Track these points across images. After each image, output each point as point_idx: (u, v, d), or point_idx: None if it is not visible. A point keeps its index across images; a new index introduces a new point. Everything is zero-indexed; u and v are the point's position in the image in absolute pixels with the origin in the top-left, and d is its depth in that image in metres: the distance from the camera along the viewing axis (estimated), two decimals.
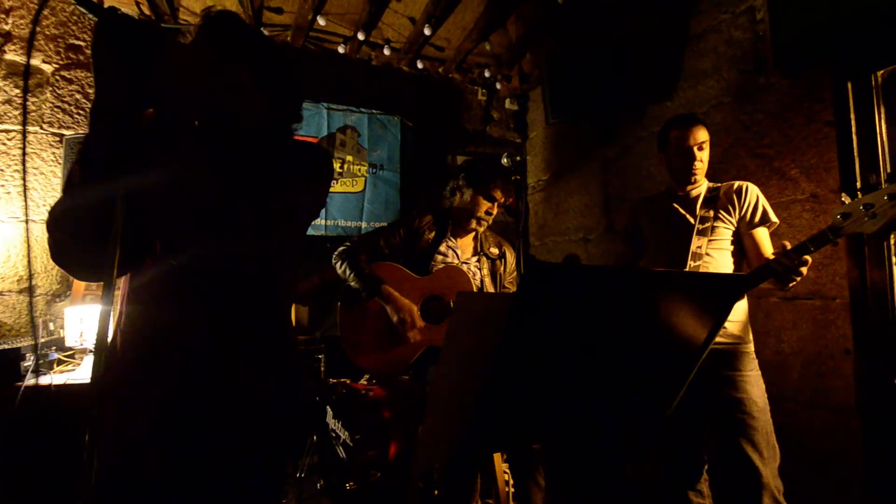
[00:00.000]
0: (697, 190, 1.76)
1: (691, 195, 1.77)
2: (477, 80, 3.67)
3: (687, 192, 1.78)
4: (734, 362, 1.61)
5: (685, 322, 0.76)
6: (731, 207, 1.68)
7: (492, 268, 2.11)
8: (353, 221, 3.23)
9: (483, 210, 1.98)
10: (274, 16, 2.96)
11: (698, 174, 1.72)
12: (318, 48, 3.20)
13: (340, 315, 1.97)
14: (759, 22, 2.09)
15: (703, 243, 1.65)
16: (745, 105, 2.16)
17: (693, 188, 1.77)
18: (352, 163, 3.24)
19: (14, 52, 2.58)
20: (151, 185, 0.78)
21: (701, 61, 2.38)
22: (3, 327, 2.48)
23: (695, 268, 1.64)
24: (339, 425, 2.18)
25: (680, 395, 0.81)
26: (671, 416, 0.85)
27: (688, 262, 1.65)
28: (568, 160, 3.39)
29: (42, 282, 2.56)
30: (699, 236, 1.67)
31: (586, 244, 3.20)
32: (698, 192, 1.75)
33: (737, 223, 1.68)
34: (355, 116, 3.25)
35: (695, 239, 1.66)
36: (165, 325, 0.86)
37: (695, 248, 1.65)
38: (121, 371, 0.85)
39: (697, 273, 1.57)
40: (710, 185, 1.76)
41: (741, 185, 1.70)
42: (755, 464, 1.50)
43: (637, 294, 0.69)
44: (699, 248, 1.65)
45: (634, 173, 2.80)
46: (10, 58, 2.57)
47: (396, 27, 3.10)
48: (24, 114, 0.72)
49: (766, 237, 1.66)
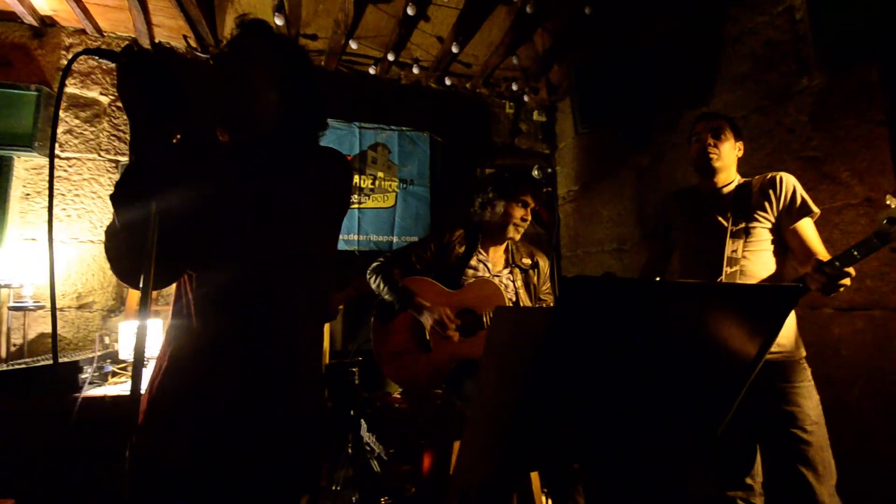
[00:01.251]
0: (729, 188, 1.67)
1: (722, 192, 1.68)
2: (504, 93, 3.69)
3: (716, 187, 1.69)
4: (784, 373, 1.51)
5: (733, 337, 0.73)
6: (767, 203, 1.56)
7: (525, 278, 2.09)
8: (384, 236, 3.29)
9: (518, 217, 2.00)
10: (309, 42, 3.10)
11: (714, 161, 1.66)
12: (350, 70, 3.32)
13: (374, 329, 2.00)
14: (799, 22, 2.01)
15: (738, 246, 1.55)
16: (787, 107, 2.07)
17: (722, 183, 1.68)
18: (383, 179, 3.31)
19: (74, 85, 2.81)
20: (181, 202, 0.80)
21: (738, 64, 2.30)
22: (62, 341, 2.66)
23: (731, 274, 1.54)
24: (373, 439, 2.19)
25: (731, 413, 0.77)
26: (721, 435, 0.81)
27: (723, 268, 1.55)
28: (599, 170, 3.34)
29: (98, 298, 2.73)
30: (734, 239, 1.56)
31: (621, 255, 3.12)
32: (729, 188, 1.67)
33: (775, 219, 1.57)
34: (386, 134, 3.34)
35: (729, 242, 1.57)
36: (202, 339, 0.89)
37: (730, 253, 1.55)
38: (164, 385, 0.89)
39: (744, 286, 1.47)
40: (741, 181, 1.67)
41: (774, 175, 1.58)
42: (809, 482, 1.39)
43: (680, 308, 0.66)
44: (734, 251, 1.55)
45: (669, 180, 2.72)
46: (70, 91, 2.80)
47: (424, 46, 3.18)
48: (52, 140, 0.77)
49: (812, 229, 1.53)
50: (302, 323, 0.96)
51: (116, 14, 2.70)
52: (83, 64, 2.83)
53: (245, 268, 0.88)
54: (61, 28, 2.80)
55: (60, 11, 2.66)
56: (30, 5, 2.57)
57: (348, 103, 3.27)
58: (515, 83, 3.55)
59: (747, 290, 0.83)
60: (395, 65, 3.29)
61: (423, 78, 3.44)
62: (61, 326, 2.66)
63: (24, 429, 1.86)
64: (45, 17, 2.71)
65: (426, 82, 3.50)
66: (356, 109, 3.28)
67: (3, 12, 2.62)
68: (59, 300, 2.65)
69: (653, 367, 0.68)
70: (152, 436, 0.86)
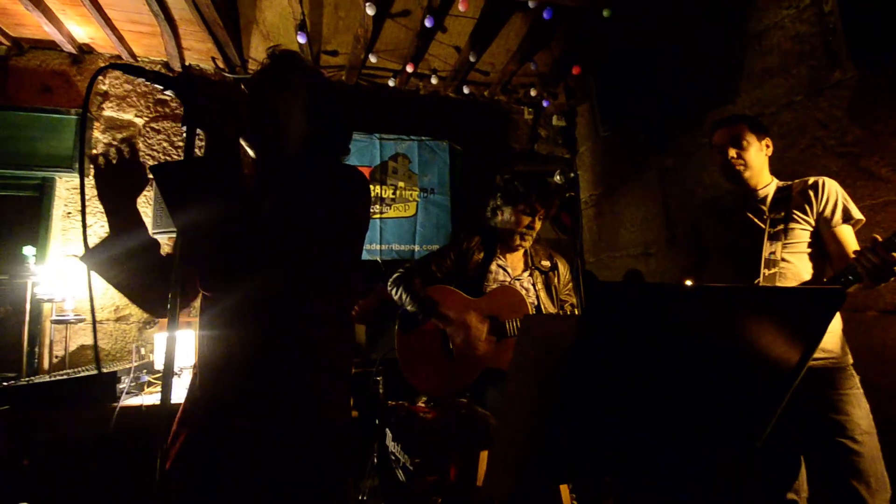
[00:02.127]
0: (765, 190, 1.61)
1: (759, 195, 1.62)
2: (522, 99, 3.69)
3: (753, 191, 1.63)
4: (830, 381, 1.43)
5: (773, 343, 0.70)
6: (808, 206, 1.51)
7: (545, 281, 2.07)
8: (406, 245, 3.31)
9: (524, 225, 1.97)
10: (330, 58, 3.18)
11: (743, 172, 1.59)
12: (370, 83, 3.39)
13: (398, 337, 2.01)
14: (828, 14, 1.94)
15: (776, 248, 1.50)
16: (818, 102, 1.99)
17: (756, 186, 1.62)
18: (403, 188, 3.34)
19: (111, 108, 2.95)
20: (203, 219, 0.83)
21: (764, 60, 2.24)
22: (101, 352, 2.77)
23: (770, 276, 1.48)
24: (398, 448, 2.19)
25: (771, 425, 0.74)
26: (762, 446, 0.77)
27: (761, 270, 1.50)
28: (621, 173, 3.28)
29: (134, 311, 2.84)
30: (772, 241, 1.51)
31: (647, 259, 3.05)
32: (766, 192, 1.61)
33: (815, 223, 1.51)
34: (405, 144, 3.37)
35: (766, 244, 1.51)
36: (228, 350, 0.91)
37: (767, 255, 1.50)
38: (194, 396, 0.92)
39: (783, 288, 1.41)
40: (781, 184, 1.61)
41: (816, 180, 1.53)
42: (861, 495, 1.31)
43: (716, 313, 0.64)
44: (772, 253, 1.49)
45: (696, 182, 2.65)
46: (108, 114, 2.94)
47: (442, 57, 3.21)
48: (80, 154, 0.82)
49: (851, 236, 1.48)
50: (325, 333, 0.98)
51: (149, 39, 2.84)
52: (119, 88, 2.98)
53: (268, 280, 0.90)
54: (98, 55, 2.96)
55: (97, 39, 2.82)
56: (68, 34, 2.73)
57: (368, 116, 3.33)
58: (533, 89, 3.54)
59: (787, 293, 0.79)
60: (414, 76, 3.34)
61: (441, 88, 3.47)
62: (100, 338, 2.77)
63: (65, 437, 1.94)
64: (82, 44, 2.87)
65: (444, 92, 3.53)
66: (376, 121, 3.33)
67: (43, 41, 2.79)
68: (98, 313, 2.77)
69: (687, 376, 0.66)
70: (185, 445, 0.88)
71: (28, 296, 2.62)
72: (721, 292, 0.72)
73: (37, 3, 2.42)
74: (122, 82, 2.98)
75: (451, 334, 1.92)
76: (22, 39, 2.80)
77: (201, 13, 2.51)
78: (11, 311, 2.68)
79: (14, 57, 2.83)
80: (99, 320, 2.78)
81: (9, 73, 2.81)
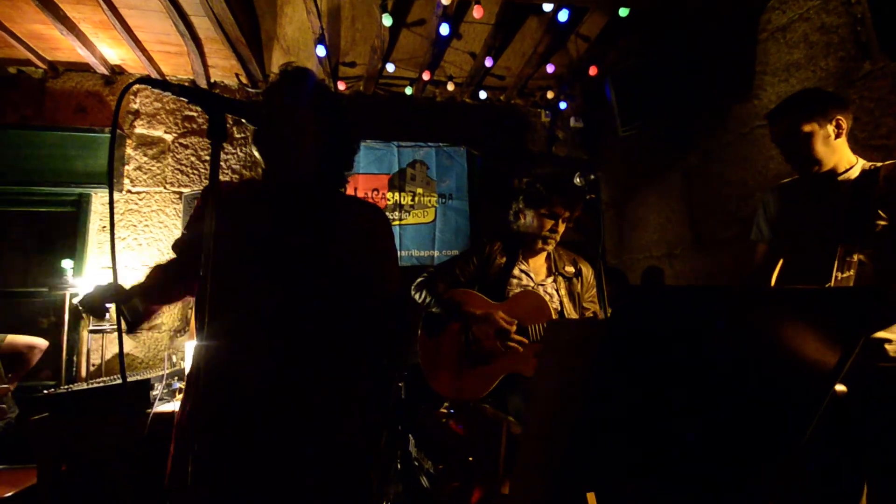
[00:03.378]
0: (846, 175, 1.37)
1: (837, 180, 1.37)
2: (539, 102, 3.68)
3: (830, 175, 1.38)
4: None
5: (807, 346, 0.67)
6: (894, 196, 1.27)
7: (569, 287, 2.04)
8: (425, 251, 3.33)
9: (547, 228, 1.94)
10: (348, 69, 3.24)
11: (813, 167, 1.40)
12: (388, 93, 3.43)
13: (420, 342, 2.02)
14: (856, 3, 1.88)
15: (854, 248, 1.25)
16: (849, 94, 1.92)
17: (836, 170, 1.38)
18: (422, 195, 3.37)
19: (142, 126, 3.08)
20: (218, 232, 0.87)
21: (790, 52, 2.17)
22: (136, 360, 2.88)
23: (844, 280, 1.24)
24: (421, 454, 2.19)
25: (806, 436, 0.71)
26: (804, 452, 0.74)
27: (833, 273, 1.26)
28: (642, 173, 3.23)
29: (166, 320, 2.93)
30: (850, 238, 1.26)
31: (671, 260, 2.98)
32: (847, 176, 1.36)
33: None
34: (423, 151, 3.41)
35: (842, 244, 1.26)
36: (228, 361, 0.91)
37: (843, 255, 1.26)
38: (196, 403, 0.93)
39: (820, 290, 1.18)
40: (867, 166, 1.36)
41: None
42: None
43: (749, 317, 0.62)
44: (849, 254, 1.25)
45: (722, 180, 2.58)
46: (139, 131, 3.07)
47: (458, 63, 3.23)
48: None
49: None
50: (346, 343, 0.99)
51: (177, 59, 2.95)
52: (149, 106, 3.11)
53: (282, 293, 0.92)
54: (129, 75, 3.09)
55: (128, 60, 2.95)
56: (101, 56, 2.86)
57: (386, 124, 3.37)
58: (550, 91, 3.53)
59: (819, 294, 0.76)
60: (430, 83, 3.37)
61: (457, 94, 3.49)
62: (134, 346, 2.88)
63: (101, 443, 2.02)
64: (114, 66, 3.01)
65: (461, 98, 3.55)
66: (394, 129, 3.38)
67: (77, 64, 2.94)
68: None
69: (718, 381, 0.64)
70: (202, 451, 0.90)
71: (66, 307, 2.74)
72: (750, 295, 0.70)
73: (71, 28, 2.55)
74: (151, 101, 3.10)
75: (475, 337, 1.91)
76: (58, 63, 2.95)
77: (225, 32, 2.60)
78: (54, 322, 2.81)
79: (50, 79, 2.98)
80: None
81: (46, 94, 2.97)
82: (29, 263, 2.94)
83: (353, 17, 2.83)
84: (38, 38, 2.67)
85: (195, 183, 3.08)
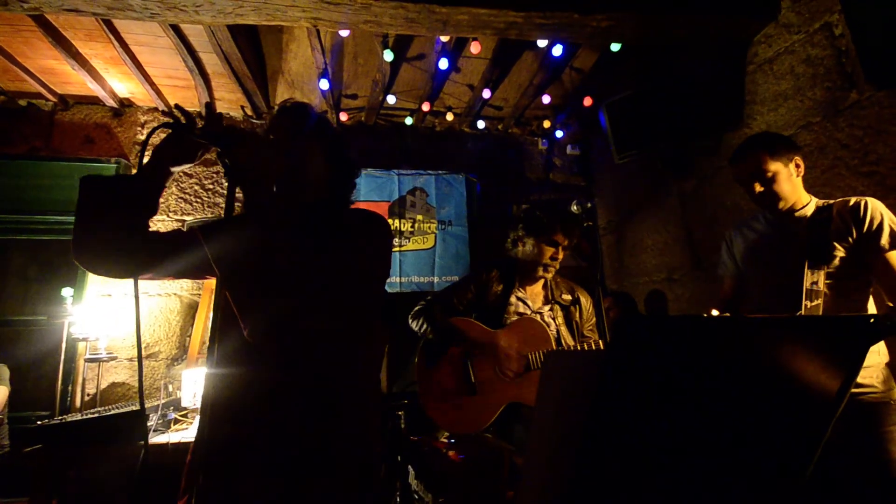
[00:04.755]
0: (803, 211, 1.49)
1: (794, 216, 1.49)
2: (536, 131, 3.77)
3: (789, 213, 1.50)
4: (874, 417, 1.34)
5: (808, 374, 0.67)
6: (850, 229, 1.39)
7: (566, 315, 2.03)
8: (425, 277, 3.34)
9: (548, 256, 1.95)
10: (350, 101, 3.34)
11: (777, 203, 1.49)
12: (388, 123, 3.53)
13: (419, 371, 2.00)
14: (840, 37, 1.95)
15: (818, 278, 1.34)
16: (837, 122, 1.98)
17: (793, 208, 1.50)
18: (422, 221, 3.41)
19: (147, 155, 3.14)
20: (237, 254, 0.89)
21: (778, 83, 2.25)
22: (130, 389, 2.83)
23: (813, 308, 1.33)
24: (421, 487, 2.13)
25: (816, 457, 0.70)
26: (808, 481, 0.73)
27: (802, 301, 1.34)
28: (639, 199, 3.27)
29: (164, 347, 2.91)
30: (813, 269, 1.35)
31: (671, 284, 2.98)
32: (804, 213, 1.48)
33: (860, 250, 1.38)
34: (423, 178, 3.47)
35: (808, 274, 1.36)
36: (242, 388, 0.92)
37: (809, 285, 1.35)
38: (208, 434, 0.92)
39: (819, 317, 1.28)
40: (820, 204, 1.48)
41: (859, 200, 1.40)
42: None
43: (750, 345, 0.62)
44: (814, 283, 1.34)
45: (717, 204, 2.62)
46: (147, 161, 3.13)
47: (457, 95, 3.33)
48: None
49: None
50: (352, 369, 0.99)
51: (184, 92, 3.04)
52: (156, 137, 3.17)
53: (296, 317, 0.93)
54: (137, 108, 3.18)
55: (137, 93, 3.04)
56: (111, 90, 2.95)
57: (387, 153, 3.45)
58: (547, 120, 3.62)
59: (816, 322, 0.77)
60: (430, 114, 3.46)
61: (456, 124, 3.59)
62: (129, 375, 2.84)
63: (94, 475, 1.97)
64: (123, 99, 3.11)
65: (459, 127, 3.64)
66: (395, 158, 3.45)
67: (87, 97, 3.03)
68: (130, 350, 2.85)
69: (720, 410, 0.64)
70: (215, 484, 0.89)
71: (64, 335, 2.72)
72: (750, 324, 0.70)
73: (83, 64, 2.65)
74: (159, 132, 3.18)
75: (475, 366, 1.90)
76: (68, 96, 3.04)
77: (232, 67, 2.70)
78: (51, 350, 2.78)
79: (60, 112, 3.07)
80: (130, 357, 2.85)
81: (55, 126, 3.05)
82: (29, 291, 2.94)
83: (355, 53, 2.93)
84: (50, 72, 2.77)
85: (198, 211, 3.12)
